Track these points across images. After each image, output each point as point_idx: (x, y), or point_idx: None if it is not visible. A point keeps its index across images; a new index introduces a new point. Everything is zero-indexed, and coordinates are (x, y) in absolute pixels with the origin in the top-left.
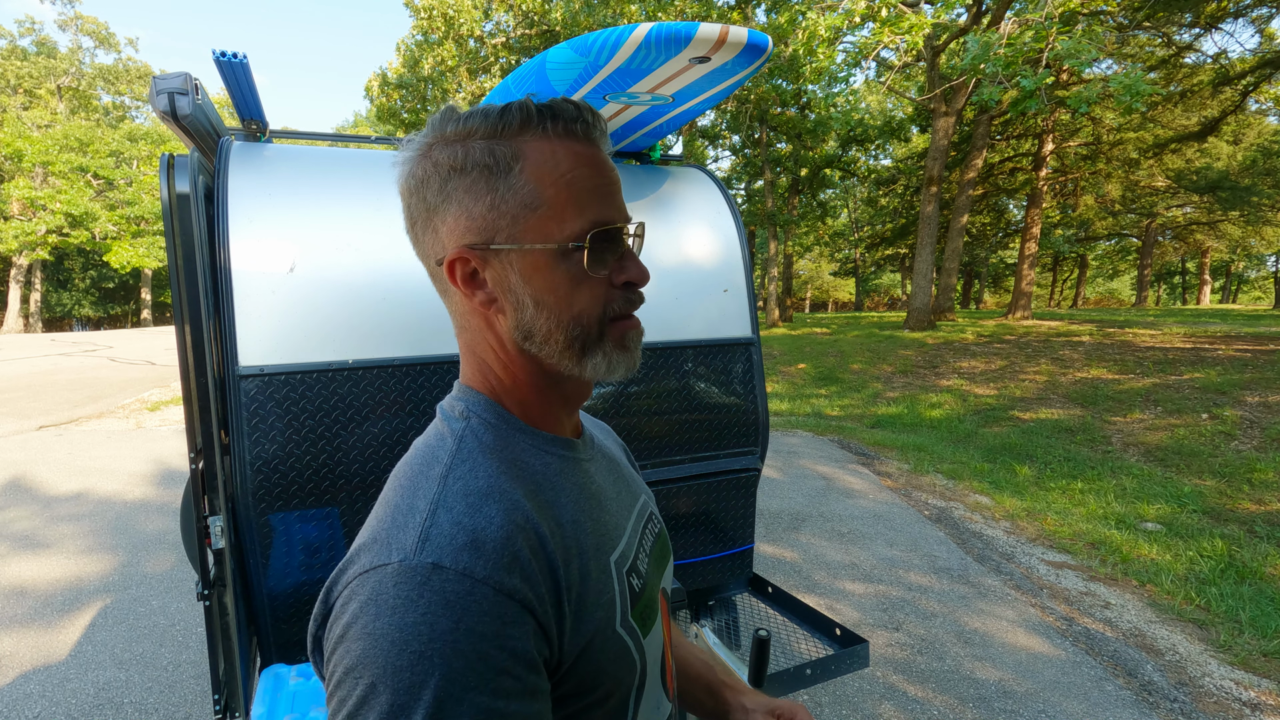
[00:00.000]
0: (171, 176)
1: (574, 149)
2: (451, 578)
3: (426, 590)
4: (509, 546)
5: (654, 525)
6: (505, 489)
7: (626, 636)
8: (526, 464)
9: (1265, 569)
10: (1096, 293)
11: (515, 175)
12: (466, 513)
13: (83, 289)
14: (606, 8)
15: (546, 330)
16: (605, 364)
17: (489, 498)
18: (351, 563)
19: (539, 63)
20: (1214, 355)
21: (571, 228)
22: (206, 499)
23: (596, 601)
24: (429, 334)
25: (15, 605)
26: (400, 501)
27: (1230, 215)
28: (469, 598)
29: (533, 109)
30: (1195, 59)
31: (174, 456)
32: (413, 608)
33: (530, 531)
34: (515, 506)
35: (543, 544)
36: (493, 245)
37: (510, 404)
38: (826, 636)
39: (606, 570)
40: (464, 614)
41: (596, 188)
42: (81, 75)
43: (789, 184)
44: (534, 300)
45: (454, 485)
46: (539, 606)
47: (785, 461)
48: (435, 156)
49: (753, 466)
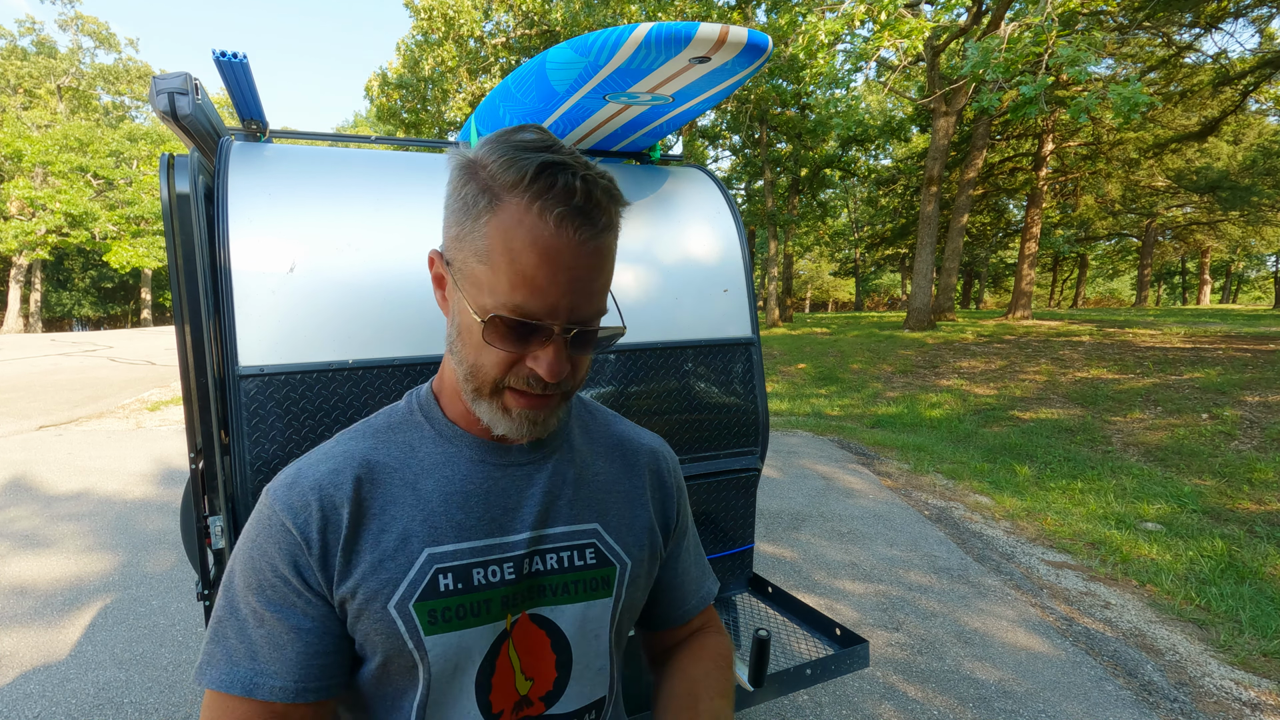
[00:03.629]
0: (171, 176)
1: (538, 231)
2: (265, 502)
3: (256, 508)
4: (307, 496)
5: (578, 557)
6: (349, 457)
7: (399, 619)
8: (407, 445)
9: (1265, 569)
10: (1096, 293)
11: (481, 225)
12: (309, 463)
13: (83, 289)
14: (606, 8)
15: (458, 357)
16: (488, 416)
17: (330, 459)
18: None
19: (539, 63)
20: (1214, 355)
21: (489, 300)
22: (206, 499)
23: (373, 570)
24: (429, 334)
25: (15, 605)
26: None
27: (1230, 215)
28: (266, 520)
29: (533, 171)
30: (1195, 59)
31: (174, 456)
32: (252, 516)
33: (333, 491)
34: (337, 471)
35: (335, 507)
36: (450, 265)
37: (445, 395)
38: (826, 636)
39: (412, 554)
40: (260, 530)
41: (535, 279)
42: (81, 75)
43: (789, 184)
44: (458, 328)
45: (330, 445)
46: (306, 547)
47: (785, 461)
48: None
49: (753, 466)
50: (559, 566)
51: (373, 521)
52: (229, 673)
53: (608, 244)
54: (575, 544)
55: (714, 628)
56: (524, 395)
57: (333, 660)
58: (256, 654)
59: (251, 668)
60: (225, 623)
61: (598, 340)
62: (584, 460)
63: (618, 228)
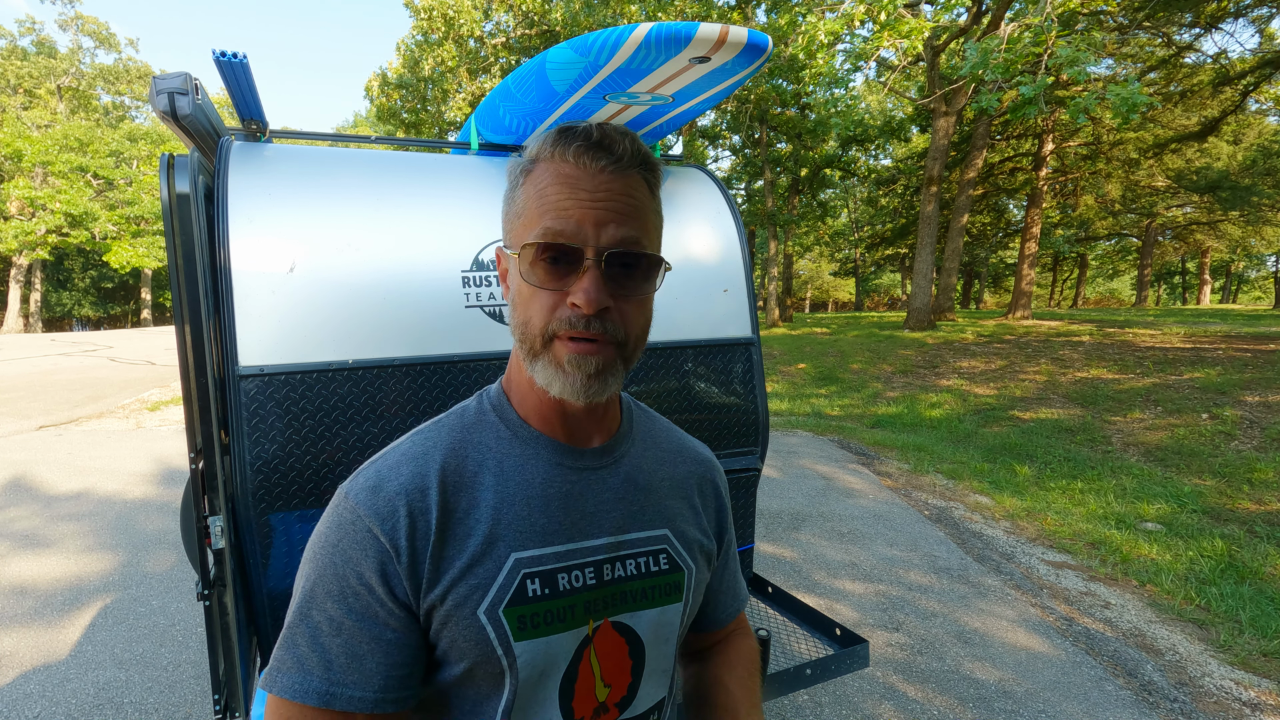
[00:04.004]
0: (171, 176)
1: (560, 169)
2: (347, 506)
3: (334, 511)
4: (394, 501)
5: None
6: (431, 458)
7: (489, 626)
8: (486, 446)
9: (1265, 569)
10: (1096, 293)
11: (518, 192)
12: (389, 466)
13: (83, 289)
14: (606, 8)
15: (512, 328)
16: (545, 375)
17: (412, 461)
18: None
19: (539, 63)
20: (1214, 355)
21: (528, 234)
22: (206, 499)
23: (462, 576)
24: (429, 334)
25: (16, 604)
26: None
27: (1230, 215)
28: (350, 526)
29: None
30: (1195, 59)
31: (174, 456)
32: (327, 519)
33: (418, 497)
34: (422, 474)
35: (425, 511)
36: (506, 248)
37: (515, 395)
38: (826, 636)
39: (499, 559)
40: (342, 536)
41: (560, 203)
42: (81, 75)
43: (789, 184)
44: (512, 301)
45: (405, 445)
46: (394, 555)
47: (785, 461)
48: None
49: (753, 466)
50: (637, 572)
51: (459, 526)
52: (302, 681)
53: (635, 182)
54: (650, 550)
55: (743, 630)
56: (573, 340)
57: (412, 670)
58: (331, 663)
59: (326, 677)
60: (297, 630)
61: (640, 272)
62: (651, 467)
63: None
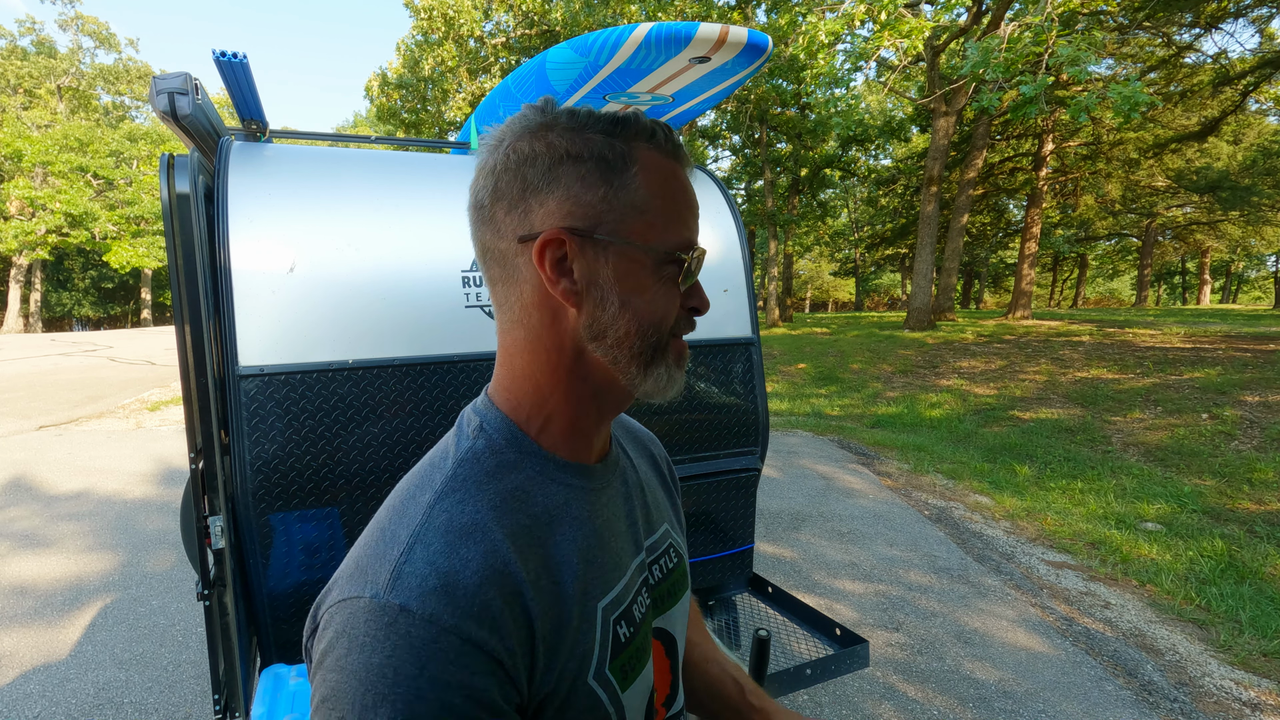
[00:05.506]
0: (171, 176)
1: (676, 169)
2: (418, 623)
3: (393, 632)
4: (481, 594)
5: (668, 560)
6: (489, 527)
7: (600, 690)
8: (527, 494)
9: (1265, 569)
10: (1096, 293)
11: (630, 176)
12: (443, 552)
13: (83, 289)
14: (606, 8)
15: (624, 332)
16: (666, 378)
17: (469, 537)
18: (335, 585)
19: (539, 63)
20: (1214, 355)
21: (671, 240)
22: (206, 499)
23: (571, 652)
24: (429, 334)
25: (16, 604)
26: (387, 526)
27: (1230, 215)
28: (434, 645)
29: (647, 122)
30: (1195, 59)
31: (174, 456)
32: (379, 648)
33: (507, 578)
34: (495, 550)
35: (519, 593)
36: (595, 234)
37: (534, 421)
38: (826, 636)
39: (591, 618)
40: (428, 660)
41: (689, 210)
42: (81, 75)
43: (789, 184)
44: (620, 299)
45: (438, 518)
46: (508, 659)
47: (785, 461)
48: (550, 139)
49: (753, 466)
50: (663, 575)
51: (552, 594)
52: None
53: None
54: (664, 547)
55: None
56: (682, 340)
57: None
58: None
59: None
60: None
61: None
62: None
63: None
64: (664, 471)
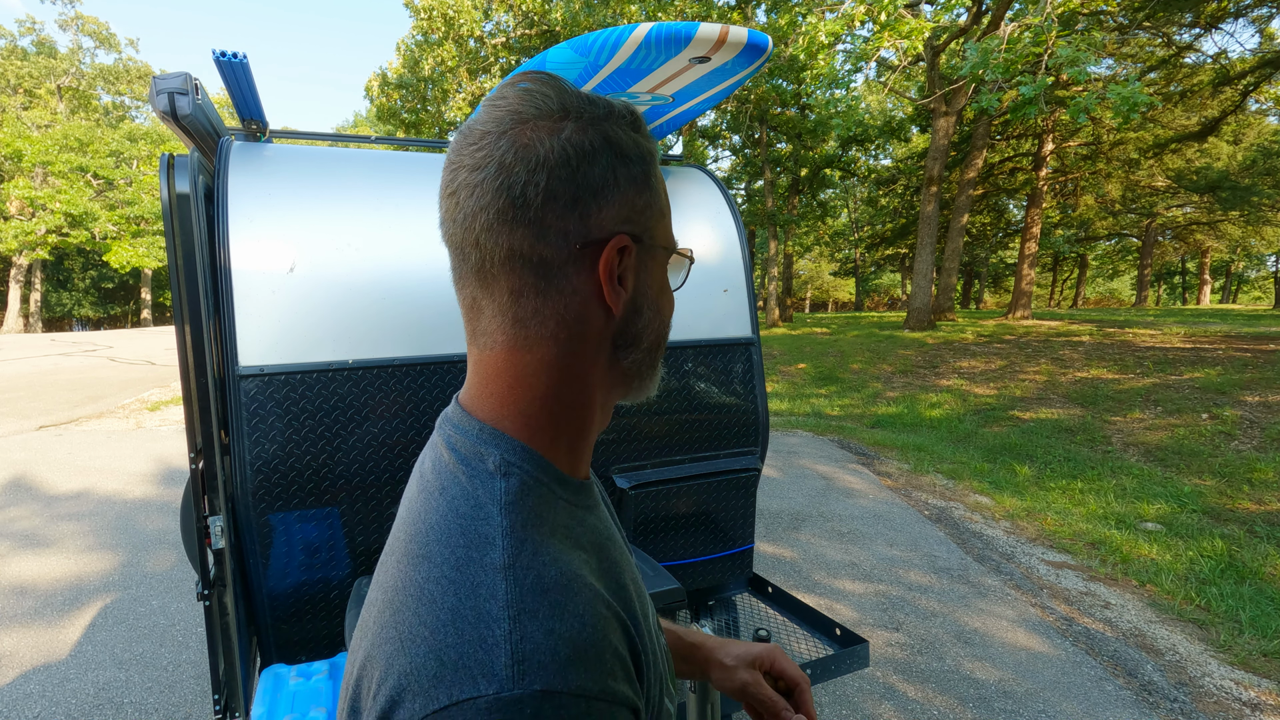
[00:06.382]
0: (171, 176)
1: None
2: (567, 703)
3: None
4: (609, 647)
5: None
6: (579, 573)
7: (670, 705)
8: (568, 528)
9: (1265, 569)
10: (1096, 293)
11: (655, 177)
12: (555, 616)
13: (83, 289)
14: (606, 8)
15: (656, 337)
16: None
17: (568, 590)
18: (404, 694)
19: (539, 63)
20: (1214, 355)
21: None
22: (206, 499)
23: (655, 675)
24: (429, 334)
25: (16, 604)
26: (456, 604)
27: (1230, 215)
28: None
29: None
30: (1195, 59)
31: (174, 456)
32: None
33: (616, 620)
34: (596, 595)
35: (628, 631)
36: (643, 239)
37: (547, 445)
38: (826, 636)
39: (654, 635)
40: None
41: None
42: (81, 75)
43: (789, 184)
44: (654, 305)
45: (526, 579)
46: (641, 702)
47: (785, 461)
48: (609, 133)
49: (753, 466)
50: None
51: (634, 622)
52: None
53: None
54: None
55: None
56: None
57: None
58: None
59: None
60: None
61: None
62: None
63: None
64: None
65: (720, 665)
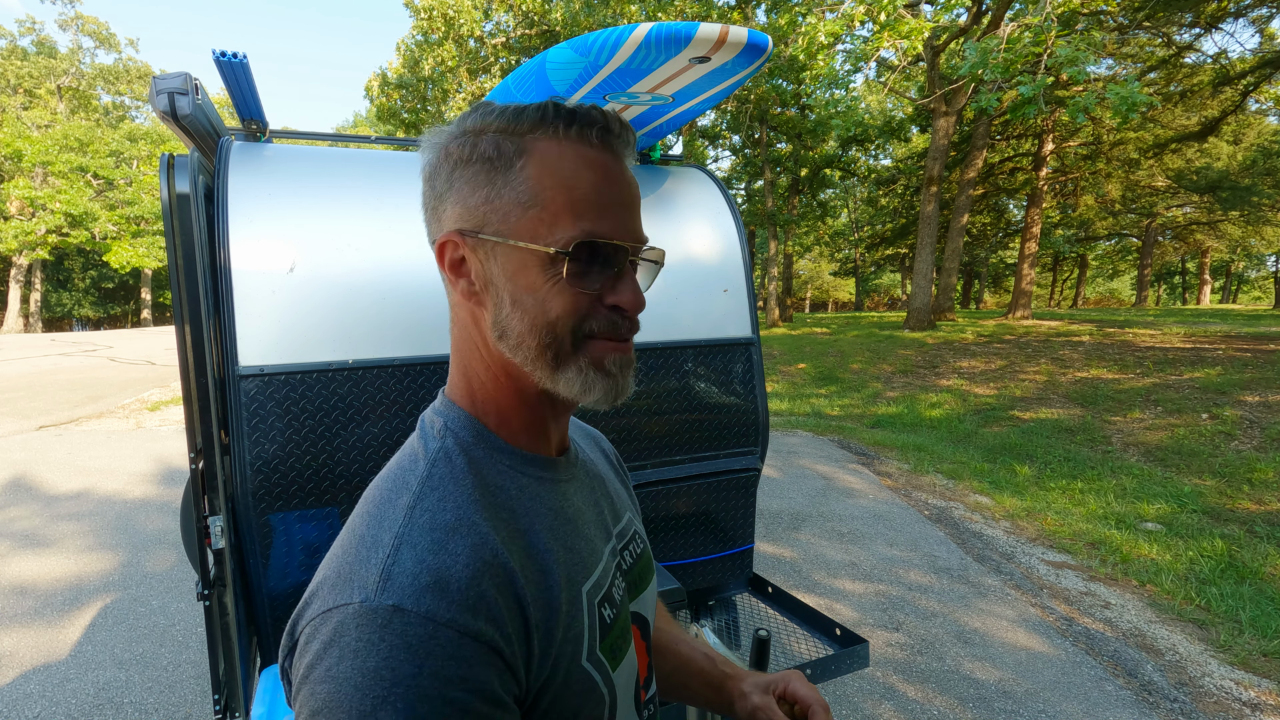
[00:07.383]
0: (171, 176)
1: (584, 153)
2: (414, 621)
3: (388, 633)
4: (475, 587)
5: (636, 546)
6: (474, 522)
7: (594, 671)
8: (501, 488)
9: (1265, 569)
10: (1096, 293)
11: (515, 171)
12: (431, 550)
13: (83, 289)
14: (606, 8)
15: (519, 333)
16: (580, 382)
17: (456, 533)
18: (314, 598)
19: (539, 63)
20: (1214, 355)
21: (561, 234)
22: (206, 499)
23: (565, 635)
24: (429, 334)
25: (16, 604)
26: (365, 533)
27: (1230, 215)
28: (432, 641)
29: (550, 108)
30: (1195, 59)
31: (174, 456)
32: (374, 651)
33: (498, 568)
34: (483, 542)
35: (511, 581)
36: (480, 234)
37: (491, 416)
38: (826, 636)
39: (577, 601)
40: (427, 658)
41: (599, 197)
42: (81, 75)
43: (789, 184)
44: (511, 298)
45: (420, 518)
46: (506, 646)
47: (785, 461)
48: (449, 147)
49: (753, 466)
50: (634, 560)
51: (536, 580)
52: None
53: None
54: (631, 533)
55: None
56: (608, 341)
57: None
58: None
59: None
60: None
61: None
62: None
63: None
64: (615, 464)
65: (741, 694)
